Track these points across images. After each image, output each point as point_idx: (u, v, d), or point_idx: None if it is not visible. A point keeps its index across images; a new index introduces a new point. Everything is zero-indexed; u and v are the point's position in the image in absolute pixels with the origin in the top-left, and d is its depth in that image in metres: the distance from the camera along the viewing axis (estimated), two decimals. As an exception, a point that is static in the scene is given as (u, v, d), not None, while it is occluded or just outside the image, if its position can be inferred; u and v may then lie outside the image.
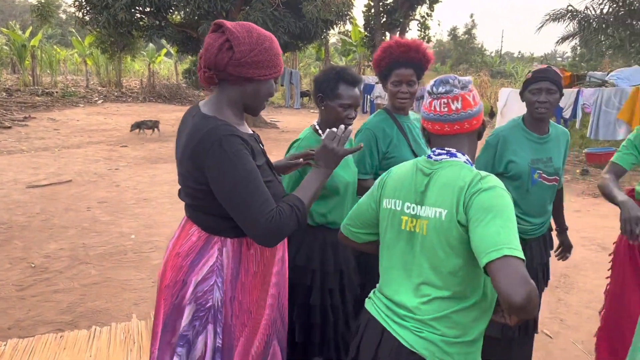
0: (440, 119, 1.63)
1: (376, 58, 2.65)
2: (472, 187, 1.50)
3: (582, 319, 4.10)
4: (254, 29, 1.75)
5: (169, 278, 1.83)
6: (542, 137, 2.61)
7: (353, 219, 1.88)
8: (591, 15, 12.86)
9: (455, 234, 1.51)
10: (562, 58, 39.73)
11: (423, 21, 20.85)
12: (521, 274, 1.31)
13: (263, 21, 13.35)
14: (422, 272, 1.60)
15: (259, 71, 1.74)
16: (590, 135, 9.88)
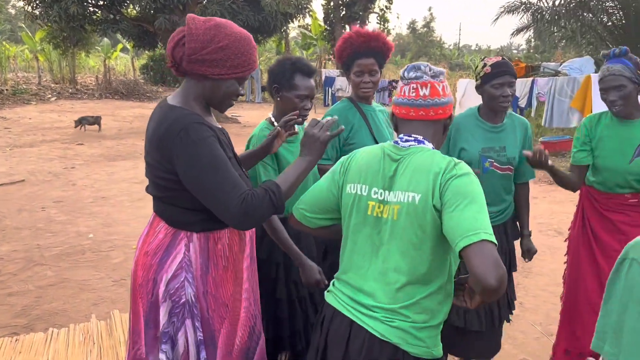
0: (408, 103, 1.66)
1: (338, 49, 2.65)
2: (447, 172, 1.53)
3: (539, 301, 4.22)
4: (216, 27, 1.71)
5: (141, 277, 1.83)
6: (495, 126, 2.64)
7: (309, 203, 1.81)
8: (544, 8, 13.20)
9: (429, 218, 1.52)
10: (517, 50, 40.72)
11: (382, 14, 21.03)
12: (495, 258, 1.35)
13: (221, 14, 13.18)
14: (390, 258, 1.59)
15: (212, 69, 1.72)
16: (545, 123, 10.17)
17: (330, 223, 1.82)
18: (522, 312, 4.03)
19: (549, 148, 10.80)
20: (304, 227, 1.87)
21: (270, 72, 2.42)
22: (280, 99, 2.38)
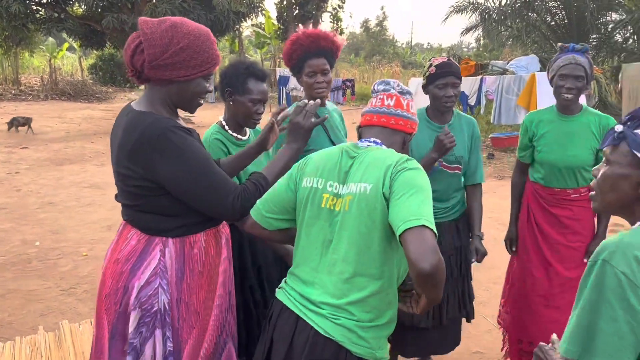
0: (372, 110, 1.78)
1: (287, 52, 2.61)
2: (399, 165, 1.58)
3: (491, 294, 4.33)
4: (173, 27, 1.65)
5: (109, 286, 1.76)
6: (443, 126, 2.69)
7: (267, 202, 1.79)
8: (491, 8, 13.59)
9: (379, 207, 1.55)
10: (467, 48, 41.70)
11: (335, 13, 21.15)
12: (432, 244, 1.36)
13: (172, 13, 12.93)
14: (339, 249, 1.60)
15: (176, 72, 1.67)
16: (494, 120, 10.47)
17: (287, 225, 1.81)
18: (474, 305, 4.12)
19: (499, 144, 11.13)
20: (261, 231, 1.82)
21: (223, 75, 2.38)
22: (232, 103, 2.35)
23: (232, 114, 2.39)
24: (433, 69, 2.61)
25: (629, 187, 1.25)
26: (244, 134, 2.46)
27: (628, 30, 12.82)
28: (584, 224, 2.77)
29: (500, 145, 11.07)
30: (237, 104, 2.34)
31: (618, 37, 13.44)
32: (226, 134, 2.39)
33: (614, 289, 1.13)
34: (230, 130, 2.41)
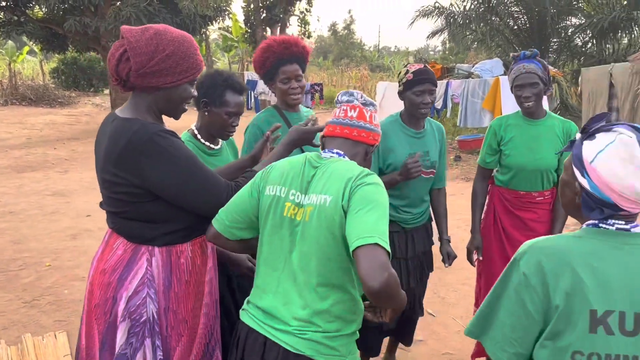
0: (336, 121, 1.78)
1: (259, 59, 2.60)
2: (359, 179, 1.58)
3: (460, 295, 4.39)
4: (157, 35, 1.67)
5: (98, 297, 1.77)
6: (419, 132, 2.73)
7: (230, 211, 1.76)
8: (456, 12, 13.80)
9: (337, 219, 1.55)
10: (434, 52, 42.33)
11: (303, 17, 21.15)
12: (382, 262, 1.38)
13: (137, 16, 12.73)
14: (301, 260, 1.60)
15: (163, 79, 1.69)
16: (460, 123, 10.65)
17: (250, 235, 1.79)
18: (443, 307, 4.18)
19: (465, 146, 11.32)
20: (222, 240, 1.79)
21: (199, 85, 2.32)
22: (208, 114, 2.32)
23: (206, 124, 2.36)
24: (410, 75, 2.64)
25: (572, 193, 1.33)
26: (216, 143, 2.44)
27: (587, 34, 13.19)
28: (548, 226, 2.84)
29: (467, 148, 11.26)
30: (212, 115, 2.32)
31: (578, 41, 13.83)
32: (197, 143, 2.36)
33: (515, 285, 1.29)
34: (202, 139, 2.39)
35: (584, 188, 1.28)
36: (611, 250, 1.24)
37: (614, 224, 1.27)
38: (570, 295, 1.22)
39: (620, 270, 1.22)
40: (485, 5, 13.21)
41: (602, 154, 1.24)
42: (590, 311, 1.21)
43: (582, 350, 1.21)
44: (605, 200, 1.25)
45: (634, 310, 1.20)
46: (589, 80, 9.01)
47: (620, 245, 1.25)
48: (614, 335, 1.20)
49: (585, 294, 1.21)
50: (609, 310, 1.21)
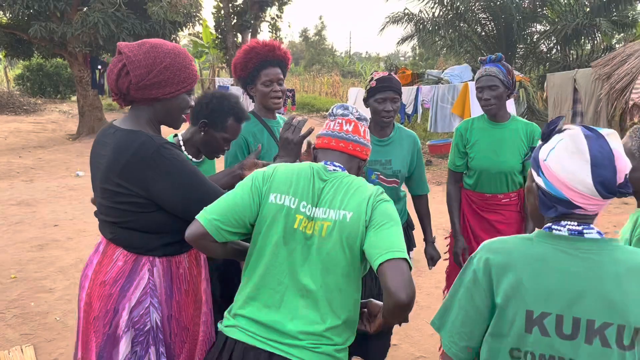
0: (331, 134, 1.79)
1: (241, 60, 2.55)
2: (377, 196, 1.64)
3: (432, 298, 4.44)
4: (153, 49, 1.74)
5: (98, 309, 1.78)
6: (382, 139, 2.74)
7: (226, 214, 1.62)
8: (425, 18, 14.02)
9: (359, 235, 1.58)
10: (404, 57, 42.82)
11: (273, 22, 21.10)
12: (409, 277, 1.44)
13: (104, 22, 12.51)
14: (314, 276, 1.58)
15: (162, 90, 1.75)
16: (430, 128, 10.81)
17: (237, 239, 1.70)
18: (417, 310, 4.21)
19: (436, 150, 11.46)
20: (207, 243, 1.63)
21: (204, 105, 2.28)
22: (204, 134, 2.30)
23: (197, 140, 2.33)
24: (374, 82, 2.65)
25: (534, 199, 1.36)
26: (199, 157, 2.42)
27: (552, 40, 13.56)
28: (515, 228, 2.90)
29: (438, 152, 11.40)
30: (208, 136, 2.30)
31: (543, 47, 14.20)
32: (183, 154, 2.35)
33: (467, 282, 1.35)
34: (186, 151, 2.37)
35: (540, 187, 1.31)
36: (558, 254, 1.25)
37: (566, 225, 1.28)
38: (509, 294, 1.26)
39: (563, 274, 1.23)
40: (453, 12, 13.45)
41: (553, 151, 1.28)
42: (526, 311, 1.25)
43: (519, 347, 1.27)
44: (558, 196, 1.27)
45: (572, 315, 1.22)
46: (554, 86, 9.23)
47: (569, 249, 1.25)
48: (549, 337, 1.23)
49: (522, 295, 1.25)
50: (545, 312, 1.23)
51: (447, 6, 13.48)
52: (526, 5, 12.96)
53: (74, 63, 14.29)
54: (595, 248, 1.25)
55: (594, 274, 1.22)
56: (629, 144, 1.77)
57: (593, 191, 1.22)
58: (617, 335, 1.19)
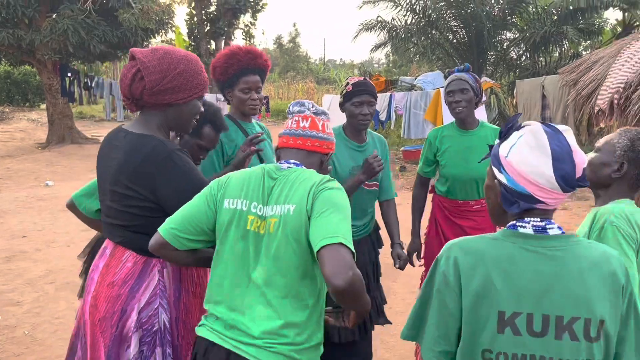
0: (289, 132, 1.78)
1: (221, 65, 2.55)
2: (321, 184, 1.61)
3: (408, 304, 4.46)
4: (167, 55, 1.77)
5: (104, 310, 1.79)
6: (361, 145, 2.76)
7: (182, 222, 1.67)
8: (398, 26, 14.17)
9: (303, 226, 1.56)
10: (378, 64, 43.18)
11: (247, 30, 21.09)
12: (348, 261, 1.40)
13: (74, 29, 12.33)
14: (267, 273, 1.59)
15: (175, 96, 1.78)
16: (404, 135, 10.90)
17: (200, 246, 1.73)
18: (392, 316, 4.21)
19: (410, 156, 11.57)
20: (169, 252, 1.69)
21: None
22: (179, 138, 2.28)
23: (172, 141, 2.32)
24: (350, 87, 2.68)
25: (494, 196, 1.38)
26: None
27: (521, 48, 13.85)
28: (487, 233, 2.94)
29: (412, 158, 11.51)
30: (184, 142, 2.28)
31: (513, 54, 14.48)
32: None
33: (437, 284, 1.34)
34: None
35: (502, 183, 1.32)
36: (524, 253, 1.28)
37: (530, 221, 1.31)
38: (480, 295, 1.27)
39: (530, 273, 1.26)
40: (425, 19, 13.63)
41: (514, 147, 1.30)
42: (498, 312, 1.26)
43: (491, 348, 1.26)
44: (521, 191, 1.29)
45: (542, 312, 1.24)
46: (523, 92, 9.42)
47: (534, 247, 1.28)
48: (521, 336, 1.25)
49: (494, 296, 1.26)
50: (516, 312, 1.25)
51: (419, 14, 13.65)
52: (496, 13, 13.21)
53: (42, 70, 14.02)
54: (559, 245, 1.28)
55: (560, 271, 1.25)
56: (615, 140, 1.83)
57: (554, 185, 1.26)
58: (584, 329, 1.23)
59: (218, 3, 19.55)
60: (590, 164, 1.87)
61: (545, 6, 13.26)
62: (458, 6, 12.91)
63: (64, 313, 4.23)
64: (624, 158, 1.79)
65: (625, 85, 4.05)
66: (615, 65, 4.29)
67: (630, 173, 1.80)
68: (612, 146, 1.83)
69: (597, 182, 1.86)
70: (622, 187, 1.83)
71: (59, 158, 12.72)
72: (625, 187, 1.83)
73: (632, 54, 4.24)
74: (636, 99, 3.89)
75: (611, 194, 1.83)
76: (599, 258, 1.27)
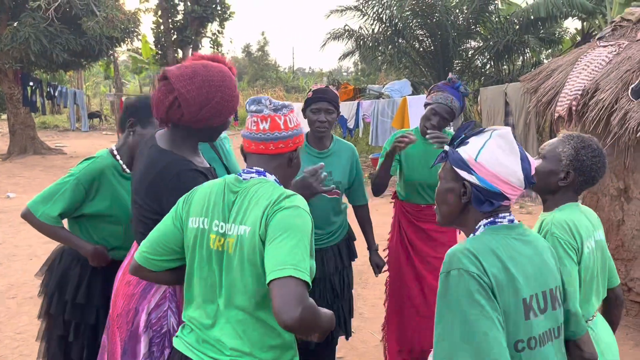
0: (250, 136, 1.67)
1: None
2: (276, 204, 1.53)
3: (377, 310, 4.48)
4: (206, 83, 1.77)
5: (121, 307, 1.88)
6: (322, 152, 2.77)
7: (152, 245, 1.69)
8: (365, 35, 14.31)
9: (257, 251, 1.51)
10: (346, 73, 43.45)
11: (215, 38, 20.96)
12: (296, 295, 1.35)
13: (36, 37, 12.08)
14: (231, 295, 1.56)
15: (211, 121, 1.84)
16: (372, 142, 11.01)
17: (175, 265, 1.71)
18: (362, 322, 4.25)
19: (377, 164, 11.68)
20: (148, 273, 1.72)
21: (129, 105, 2.35)
22: (132, 134, 2.32)
23: (130, 146, 2.34)
24: (310, 93, 2.70)
25: (456, 197, 1.44)
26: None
27: (485, 56, 14.15)
28: (449, 236, 3.00)
29: (380, 165, 11.61)
30: (137, 136, 2.31)
31: (478, 62, 14.78)
32: (114, 161, 2.35)
33: (472, 291, 1.28)
34: (121, 160, 2.37)
35: (473, 184, 1.40)
36: (515, 242, 1.40)
37: (505, 216, 1.43)
38: (507, 288, 1.31)
39: (526, 257, 1.39)
40: (392, 28, 13.79)
41: (483, 149, 1.39)
42: (522, 300, 1.33)
43: (522, 338, 1.32)
44: (494, 191, 1.39)
45: (541, 290, 1.39)
46: (487, 99, 9.62)
47: (518, 236, 1.42)
48: (537, 317, 1.35)
49: (516, 285, 1.32)
50: (531, 295, 1.35)
51: (385, 23, 13.81)
52: (461, 22, 13.47)
53: (3, 80, 13.67)
54: (527, 231, 1.47)
55: (538, 251, 1.43)
56: (560, 149, 1.89)
57: (522, 183, 1.41)
58: (559, 295, 1.44)
59: (185, 12, 19.41)
60: (537, 172, 1.93)
61: (507, 15, 13.59)
62: (424, 15, 13.12)
63: (26, 328, 4.10)
64: (570, 167, 1.87)
65: (583, 92, 4.18)
66: (573, 72, 4.42)
67: (576, 180, 1.88)
68: (557, 155, 1.89)
69: (545, 189, 1.95)
70: (568, 192, 1.92)
71: (21, 169, 12.39)
72: (571, 192, 1.92)
73: (589, 61, 4.38)
74: (593, 105, 4.02)
75: (558, 199, 1.92)
76: (540, 237, 1.52)
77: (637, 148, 3.91)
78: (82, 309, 2.29)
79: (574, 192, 1.93)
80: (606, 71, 4.15)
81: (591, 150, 1.87)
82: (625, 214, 4.12)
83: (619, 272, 4.10)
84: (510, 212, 1.45)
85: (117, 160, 2.36)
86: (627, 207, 4.11)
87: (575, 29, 15.49)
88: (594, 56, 4.36)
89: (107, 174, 2.31)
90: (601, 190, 4.38)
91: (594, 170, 1.87)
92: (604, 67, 4.20)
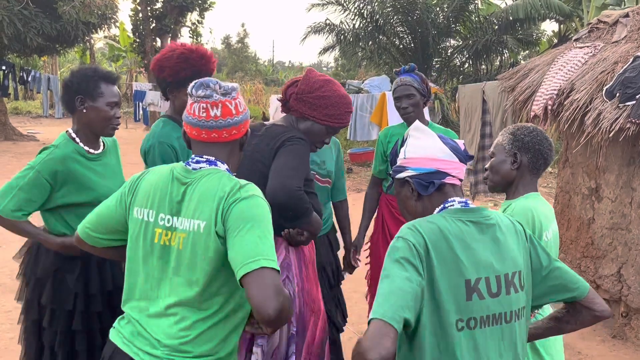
0: (199, 124, 1.56)
1: (173, 66, 2.40)
2: (231, 196, 1.47)
3: (351, 303, 4.47)
4: (327, 82, 2.22)
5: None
6: None
7: (95, 223, 1.68)
8: (346, 29, 14.32)
9: (213, 246, 1.47)
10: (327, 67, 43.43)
11: (194, 28, 20.70)
12: (274, 286, 1.33)
13: (10, 20, 11.77)
14: (176, 290, 1.51)
15: (310, 111, 2.21)
16: (350, 137, 11.03)
17: (118, 244, 1.68)
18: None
19: (356, 159, 11.71)
20: (90, 247, 1.74)
21: (69, 84, 2.21)
22: (86, 111, 2.20)
23: (86, 123, 2.25)
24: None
25: (410, 201, 1.55)
26: (97, 147, 2.31)
27: (464, 55, 14.31)
28: None
29: (358, 160, 11.65)
30: (91, 111, 2.21)
31: (457, 61, 14.94)
32: (76, 146, 2.24)
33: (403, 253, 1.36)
34: (81, 142, 2.26)
35: (412, 176, 1.49)
36: (470, 225, 1.45)
37: (454, 200, 1.48)
38: (448, 267, 1.36)
39: (480, 241, 1.43)
40: (373, 24, 13.83)
41: (406, 147, 1.54)
42: (465, 281, 1.36)
43: (462, 317, 1.36)
44: (430, 171, 1.49)
45: (495, 274, 1.42)
46: (465, 96, 9.70)
47: (476, 219, 1.46)
48: (484, 299, 1.38)
49: (460, 267, 1.36)
50: (478, 278, 1.38)
51: (367, 18, 13.85)
52: (441, 20, 13.58)
53: (-24, 64, 13.29)
54: (489, 214, 1.50)
55: (499, 235, 1.46)
56: (500, 140, 2.04)
57: (451, 154, 1.49)
58: (519, 280, 1.46)
59: (164, 0, 19.13)
60: (490, 168, 2.07)
61: (487, 15, 13.75)
62: (405, 12, 13.19)
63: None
64: (514, 149, 2.00)
65: (559, 92, 4.25)
66: (550, 72, 4.49)
67: (525, 160, 1.98)
68: (500, 145, 2.03)
69: (502, 181, 2.04)
70: (525, 177, 2.01)
71: (-8, 155, 12.08)
72: (528, 177, 2.01)
73: (565, 62, 4.46)
74: (568, 105, 4.09)
75: (518, 188, 2.02)
76: (508, 221, 1.52)
77: (609, 148, 4.00)
78: (61, 294, 2.23)
79: (531, 175, 2.01)
80: (582, 72, 4.22)
81: (526, 128, 2.01)
82: (596, 213, 4.21)
83: (588, 269, 4.21)
84: (462, 196, 1.51)
85: (78, 143, 2.25)
86: (597, 205, 4.19)
87: (553, 31, 15.77)
88: (570, 57, 4.43)
89: (69, 162, 2.19)
90: (573, 189, 4.46)
91: (537, 144, 1.98)
92: (579, 68, 4.27)
